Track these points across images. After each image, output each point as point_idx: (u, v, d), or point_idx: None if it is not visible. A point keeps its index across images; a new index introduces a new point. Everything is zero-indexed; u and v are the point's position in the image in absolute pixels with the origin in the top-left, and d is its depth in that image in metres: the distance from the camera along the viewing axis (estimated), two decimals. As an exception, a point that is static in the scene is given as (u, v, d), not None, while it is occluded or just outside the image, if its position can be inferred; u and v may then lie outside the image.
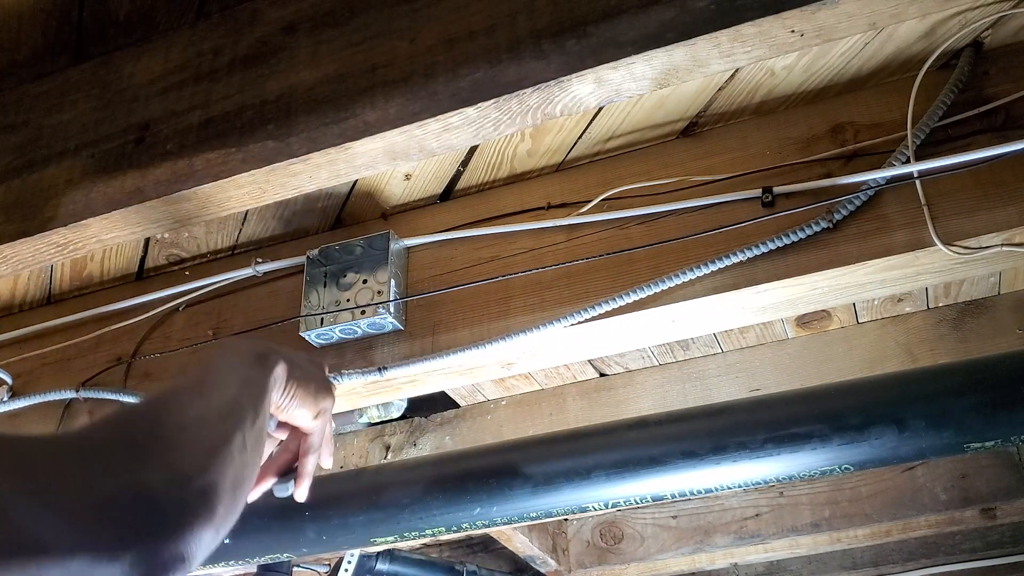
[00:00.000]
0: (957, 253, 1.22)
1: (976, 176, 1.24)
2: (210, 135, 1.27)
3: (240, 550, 1.80)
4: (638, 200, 1.43)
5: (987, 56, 1.32)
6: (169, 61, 1.37)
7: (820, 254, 1.28)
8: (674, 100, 1.42)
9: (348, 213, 1.64)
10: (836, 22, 1.01)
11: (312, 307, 1.50)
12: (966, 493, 2.19)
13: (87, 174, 1.32)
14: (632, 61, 1.06)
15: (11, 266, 1.39)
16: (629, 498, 1.59)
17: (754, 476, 1.53)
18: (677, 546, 2.50)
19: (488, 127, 1.16)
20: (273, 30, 1.32)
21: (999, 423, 1.40)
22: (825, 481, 2.35)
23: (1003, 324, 1.98)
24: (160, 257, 1.75)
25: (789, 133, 1.40)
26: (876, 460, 1.47)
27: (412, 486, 1.68)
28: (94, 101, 1.39)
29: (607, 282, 1.39)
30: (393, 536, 1.72)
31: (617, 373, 2.23)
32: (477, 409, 2.33)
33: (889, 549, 2.92)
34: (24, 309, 1.87)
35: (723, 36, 1.03)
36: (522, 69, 1.11)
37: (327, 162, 1.21)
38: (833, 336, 2.09)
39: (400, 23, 1.23)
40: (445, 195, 1.60)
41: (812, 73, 1.37)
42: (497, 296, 1.45)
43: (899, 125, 1.31)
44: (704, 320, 1.39)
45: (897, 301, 2.02)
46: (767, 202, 1.33)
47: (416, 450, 2.33)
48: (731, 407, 1.62)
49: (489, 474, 1.66)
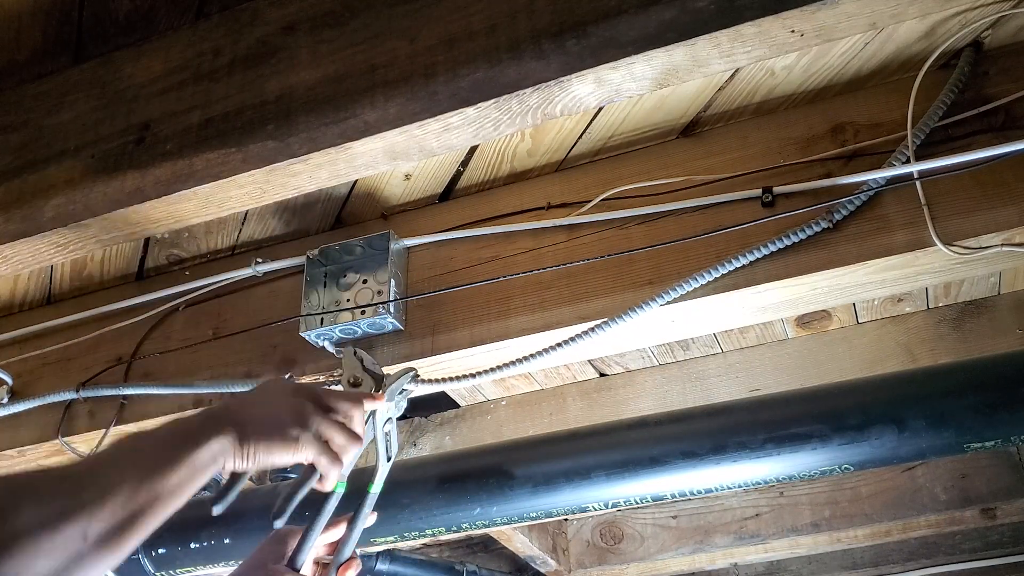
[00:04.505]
0: (957, 253, 1.22)
1: (976, 176, 1.24)
2: (210, 135, 1.27)
3: (240, 550, 1.80)
4: (638, 200, 1.43)
5: (987, 56, 1.32)
6: (169, 61, 1.37)
7: (820, 254, 1.28)
8: (674, 100, 1.42)
9: (348, 213, 1.64)
10: (836, 22, 1.01)
11: (312, 307, 1.50)
12: (966, 493, 2.19)
13: (87, 174, 1.32)
14: (632, 61, 1.06)
15: (11, 266, 1.39)
16: (629, 498, 1.59)
17: (754, 476, 1.53)
18: (677, 546, 2.50)
19: (488, 127, 1.16)
20: (273, 30, 1.32)
21: (999, 423, 1.40)
22: (825, 481, 2.35)
23: (1003, 324, 1.98)
24: (160, 257, 1.75)
25: (789, 133, 1.40)
26: (876, 460, 1.47)
27: (412, 486, 1.68)
28: (94, 101, 1.39)
29: (607, 282, 1.39)
30: (393, 536, 1.72)
31: (617, 373, 2.23)
32: (477, 409, 2.33)
33: (889, 549, 2.91)
34: (24, 309, 1.87)
35: (723, 36, 1.03)
36: (522, 69, 1.11)
37: (327, 162, 1.21)
38: (833, 336, 2.09)
39: (400, 23, 1.23)
40: (445, 195, 1.60)
41: (812, 73, 1.37)
42: (497, 296, 1.45)
43: (899, 125, 1.31)
44: (704, 320, 1.39)
45: (897, 301, 2.02)
46: (767, 202, 1.33)
47: (416, 450, 2.32)
48: (731, 407, 1.62)
49: (489, 474, 1.66)
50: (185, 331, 1.68)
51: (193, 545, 1.81)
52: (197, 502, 2.13)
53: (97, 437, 1.64)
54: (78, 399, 1.65)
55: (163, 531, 1.26)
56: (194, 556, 1.82)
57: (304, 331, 1.49)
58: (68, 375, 1.72)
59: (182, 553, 1.83)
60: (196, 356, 1.64)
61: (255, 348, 1.59)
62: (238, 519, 1.80)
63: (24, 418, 1.71)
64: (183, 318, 1.69)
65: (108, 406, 1.64)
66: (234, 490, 1.05)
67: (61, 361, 1.75)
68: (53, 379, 1.73)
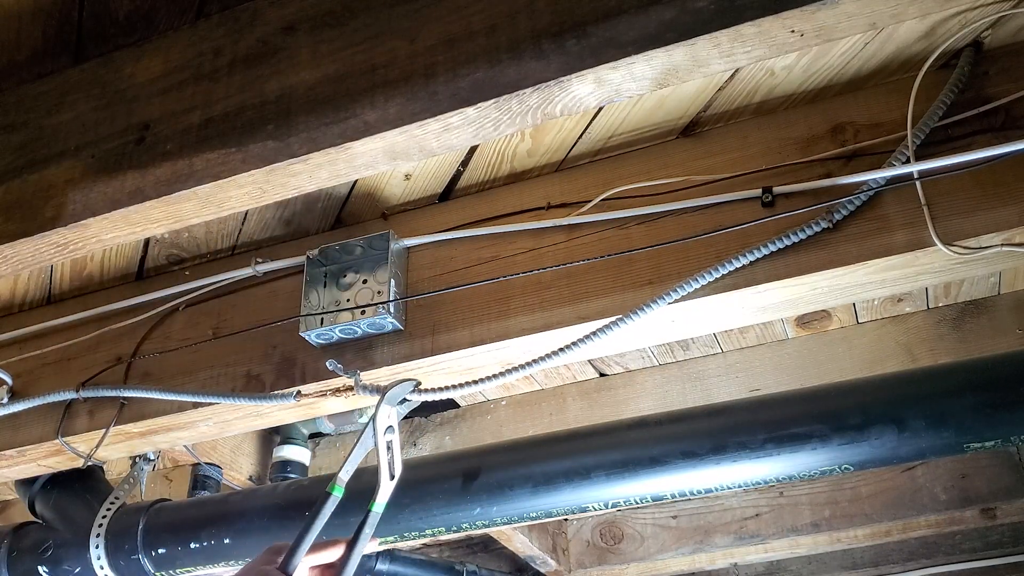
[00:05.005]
0: (957, 253, 1.22)
1: (976, 176, 1.24)
2: (210, 135, 1.27)
3: (240, 550, 1.80)
4: (638, 200, 1.43)
5: (987, 56, 1.32)
6: (169, 61, 1.37)
7: (820, 254, 1.28)
8: (674, 100, 1.42)
9: (348, 213, 1.64)
10: (836, 22, 1.01)
11: (312, 307, 1.50)
12: (966, 493, 2.19)
13: (87, 174, 1.32)
14: (632, 61, 1.06)
15: (11, 266, 1.39)
16: (629, 498, 1.59)
17: (754, 476, 1.53)
18: (677, 546, 2.50)
19: (488, 127, 1.16)
20: (273, 30, 1.32)
21: (999, 423, 1.40)
22: (825, 481, 2.35)
23: (1003, 324, 1.98)
24: (160, 257, 1.75)
25: (789, 133, 1.40)
26: (876, 460, 1.47)
27: (412, 486, 1.68)
28: (94, 101, 1.39)
29: (607, 282, 1.39)
30: (393, 536, 1.72)
31: (617, 373, 2.23)
32: (477, 409, 2.33)
33: (889, 549, 2.91)
34: (24, 309, 1.87)
35: (723, 36, 1.03)
36: (522, 69, 1.11)
37: (327, 162, 1.21)
38: (833, 336, 2.09)
39: (400, 23, 1.23)
40: (445, 195, 1.60)
41: (812, 73, 1.37)
42: (497, 296, 1.45)
43: (899, 125, 1.31)
44: (704, 320, 1.39)
45: (897, 301, 2.02)
46: (767, 202, 1.33)
47: (416, 450, 2.33)
48: (731, 407, 1.62)
49: (489, 474, 1.66)
50: (185, 331, 1.68)
51: (193, 545, 1.81)
52: (198, 502, 2.14)
53: (97, 437, 1.64)
54: (78, 399, 1.65)
55: (163, 531, 1.27)
56: (194, 556, 1.82)
57: (304, 331, 1.49)
58: (68, 375, 1.72)
59: (182, 553, 1.83)
60: (196, 356, 1.64)
61: (255, 348, 1.59)
62: (238, 519, 1.80)
63: (24, 418, 1.71)
64: (183, 318, 1.69)
65: (108, 406, 1.64)
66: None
67: (61, 361, 1.75)
68: (53, 379, 1.73)
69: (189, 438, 1.72)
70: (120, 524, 1.89)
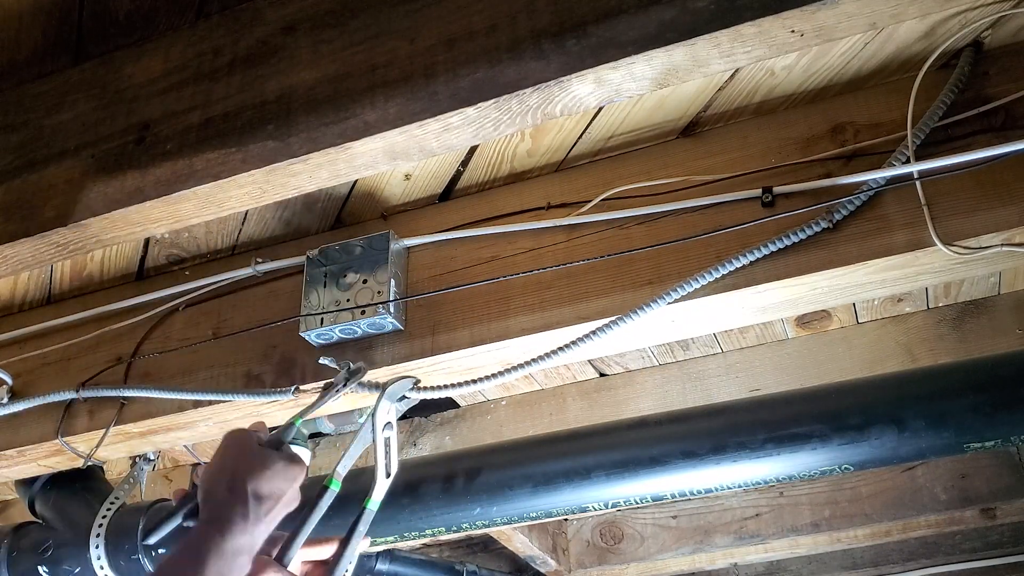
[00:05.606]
0: (957, 253, 1.22)
1: (976, 176, 1.23)
2: (210, 135, 1.27)
3: (240, 550, 1.79)
4: (638, 200, 1.43)
5: (987, 56, 1.32)
6: (169, 61, 1.37)
7: (820, 254, 1.28)
8: (674, 100, 1.42)
9: (348, 213, 1.64)
10: (836, 22, 1.01)
11: (312, 307, 1.50)
12: (966, 493, 2.19)
13: (87, 174, 1.32)
14: (632, 61, 1.06)
15: (11, 266, 1.39)
16: (629, 498, 1.59)
17: (754, 476, 1.53)
18: (677, 546, 2.50)
19: (488, 127, 1.16)
20: (273, 30, 1.32)
21: (999, 423, 1.40)
22: (825, 481, 2.35)
23: (1003, 324, 1.98)
24: (160, 257, 1.74)
25: (789, 133, 1.40)
26: (876, 460, 1.47)
27: (412, 486, 1.68)
28: (94, 101, 1.39)
29: (607, 282, 1.39)
30: (393, 536, 1.72)
31: (617, 373, 2.23)
32: (477, 409, 2.33)
33: (889, 549, 2.91)
34: (24, 309, 1.87)
35: (723, 36, 1.03)
36: (522, 69, 1.11)
37: (327, 162, 1.21)
38: (833, 336, 2.09)
39: (400, 23, 1.23)
40: (445, 195, 1.60)
41: (812, 73, 1.37)
42: (497, 296, 1.45)
43: (899, 125, 1.31)
44: (704, 320, 1.39)
45: (897, 301, 2.02)
46: (767, 202, 1.33)
47: (416, 450, 2.33)
48: (731, 407, 1.62)
49: (489, 474, 1.66)
50: (185, 331, 1.68)
51: (193, 545, 1.81)
52: (197, 502, 2.11)
53: (97, 437, 1.64)
54: (78, 399, 1.65)
55: (163, 531, 1.27)
56: (194, 556, 1.82)
57: (304, 331, 1.49)
58: (68, 375, 1.71)
59: (182, 553, 1.82)
60: (196, 356, 1.64)
61: (255, 348, 1.59)
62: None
63: (24, 418, 1.71)
64: (183, 318, 1.69)
65: (108, 406, 1.64)
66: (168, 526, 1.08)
67: (61, 361, 1.75)
68: (53, 379, 1.73)
69: (189, 438, 1.72)
70: (120, 524, 1.89)
